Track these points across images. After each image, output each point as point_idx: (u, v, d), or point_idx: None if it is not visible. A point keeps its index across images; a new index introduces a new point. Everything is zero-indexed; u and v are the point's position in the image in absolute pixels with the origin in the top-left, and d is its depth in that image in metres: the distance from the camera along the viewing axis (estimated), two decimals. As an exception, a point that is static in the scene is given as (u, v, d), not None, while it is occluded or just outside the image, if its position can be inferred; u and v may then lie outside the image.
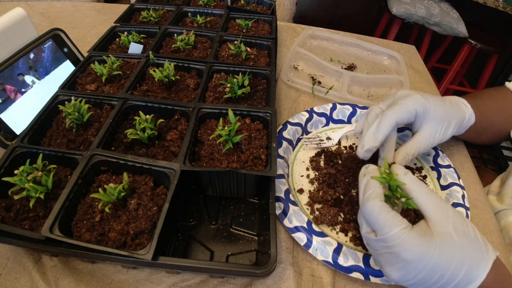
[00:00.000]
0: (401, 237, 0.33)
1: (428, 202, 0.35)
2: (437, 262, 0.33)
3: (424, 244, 0.33)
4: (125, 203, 0.41)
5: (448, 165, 0.59)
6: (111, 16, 0.99)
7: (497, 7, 1.69)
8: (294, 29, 1.01)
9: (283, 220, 0.48)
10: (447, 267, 0.33)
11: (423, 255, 0.33)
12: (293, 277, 0.44)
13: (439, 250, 0.33)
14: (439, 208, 0.35)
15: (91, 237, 0.38)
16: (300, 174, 0.57)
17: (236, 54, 0.67)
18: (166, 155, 0.47)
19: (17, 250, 0.44)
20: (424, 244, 0.33)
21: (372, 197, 0.36)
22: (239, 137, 0.47)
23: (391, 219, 0.34)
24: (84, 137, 0.49)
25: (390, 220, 0.34)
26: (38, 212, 0.40)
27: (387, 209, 0.35)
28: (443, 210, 0.35)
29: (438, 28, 1.72)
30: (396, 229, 0.33)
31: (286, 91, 0.75)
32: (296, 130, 0.62)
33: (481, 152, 1.86)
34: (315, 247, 0.45)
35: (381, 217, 0.34)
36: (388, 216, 0.34)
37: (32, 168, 0.41)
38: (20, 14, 0.56)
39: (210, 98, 0.57)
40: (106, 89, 0.57)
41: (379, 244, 0.35)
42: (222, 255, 0.45)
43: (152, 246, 0.36)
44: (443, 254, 0.33)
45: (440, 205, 0.35)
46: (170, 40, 0.71)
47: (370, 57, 0.92)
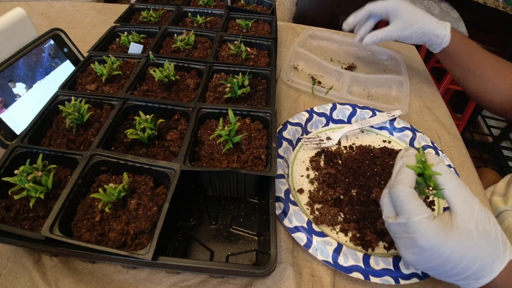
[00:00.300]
0: (421, 225, 0.34)
1: (455, 196, 0.35)
2: (450, 255, 0.34)
3: (441, 236, 0.34)
4: (125, 203, 0.41)
5: (448, 165, 0.58)
6: (111, 16, 0.99)
7: (497, 7, 1.68)
8: (294, 29, 1.01)
9: (283, 220, 0.48)
10: (459, 261, 0.34)
11: (438, 246, 0.34)
12: (293, 277, 0.44)
13: (454, 245, 0.34)
14: (465, 203, 0.35)
15: (91, 237, 0.38)
16: (300, 174, 0.57)
17: (236, 54, 0.67)
18: (166, 155, 0.47)
19: (17, 250, 0.44)
20: (441, 236, 0.34)
21: (402, 182, 0.36)
22: (239, 137, 0.47)
23: (416, 207, 0.35)
24: (84, 137, 0.49)
25: (414, 207, 0.35)
26: (38, 212, 0.40)
27: (414, 196, 0.35)
28: (469, 206, 0.35)
29: (438, 28, 1.71)
30: (418, 217, 0.34)
31: (286, 91, 0.75)
32: (296, 130, 0.62)
33: (481, 152, 1.86)
34: (315, 247, 0.45)
35: (406, 202, 0.35)
36: (413, 203, 0.35)
37: (32, 168, 0.41)
38: (20, 14, 0.56)
39: (210, 98, 0.56)
40: (106, 89, 0.57)
41: (399, 228, 0.37)
42: (222, 255, 0.45)
43: (152, 246, 0.36)
44: (458, 249, 0.34)
45: (467, 201, 0.35)
46: (170, 40, 0.71)
47: (370, 57, 0.92)
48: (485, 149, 1.93)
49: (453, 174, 0.37)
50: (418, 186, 0.38)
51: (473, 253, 0.34)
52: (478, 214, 0.35)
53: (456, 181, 0.36)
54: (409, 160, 0.39)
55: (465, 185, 0.37)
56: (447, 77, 1.88)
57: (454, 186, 0.36)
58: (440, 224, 0.34)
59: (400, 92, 0.78)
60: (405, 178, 0.37)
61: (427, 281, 0.44)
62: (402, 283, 0.43)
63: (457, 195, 0.35)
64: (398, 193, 0.36)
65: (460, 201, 0.35)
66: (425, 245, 0.34)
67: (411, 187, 0.36)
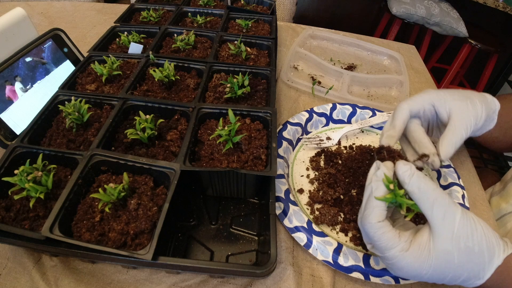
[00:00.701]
0: (395, 258, 0.34)
1: (433, 214, 0.33)
2: (429, 278, 0.35)
3: (417, 266, 0.34)
4: (125, 203, 0.41)
5: (448, 165, 0.59)
6: (111, 16, 0.99)
7: (497, 7, 1.69)
8: (294, 29, 1.01)
9: (283, 220, 0.48)
10: (441, 280, 0.35)
11: (415, 273, 0.35)
12: (293, 277, 0.44)
13: (432, 270, 0.34)
14: (444, 221, 0.33)
15: (91, 237, 0.38)
16: (300, 174, 0.57)
17: (236, 54, 0.67)
18: (166, 155, 0.47)
19: (17, 250, 0.44)
20: (417, 266, 0.34)
21: (369, 219, 0.35)
22: (239, 137, 0.47)
23: (387, 242, 0.34)
24: (84, 137, 0.49)
25: (385, 243, 0.34)
26: (38, 212, 0.40)
27: (384, 231, 0.34)
28: (449, 223, 0.33)
29: (438, 28, 1.72)
30: (391, 252, 0.34)
31: (286, 91, 0.75)
32: (296, 130, 0.62)
33: (481, 152, 1.86)
34: (315, 247, 0.45)
35: (376, 239, 0.35)
36: (383, 238, 0.34)
37: (32, 168, 0.41)
38: (20, 14, 0.56)
39: (210, 98, 0.57)
40: (106, 89, 0.57)
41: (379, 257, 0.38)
42: (222, 255, 0.45)
43: (152, 246, 0.36)
44: (437, 272, 0.34)
45: (446, 217, 0.33)
46: (170, 40, 0.71)
47: (370, 57, 0.92)
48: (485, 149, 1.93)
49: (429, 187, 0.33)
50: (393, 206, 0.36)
51: (454, 272, 0.34)
52: (459, 230, 0.33)
53: (433, 196, 0.33)
54: (377, 187, 0.35)
55: (444, 196, 0.33)
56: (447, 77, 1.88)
57: (431, 203, 0.33)
58: (416, 252, 0.34)
59: (400, 92, 0.78)
60: (373, 213, 0.35)
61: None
62: (402, 283, 0.43)
63: (435, 212, 0.33)
64: (367, 230, 0.36)
65: (438, 219, 0.33)
66: (403, 274, 0.35)
67: (379, 221, 0.35)
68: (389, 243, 0.34)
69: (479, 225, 0.34)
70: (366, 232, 0.36)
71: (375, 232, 0.35)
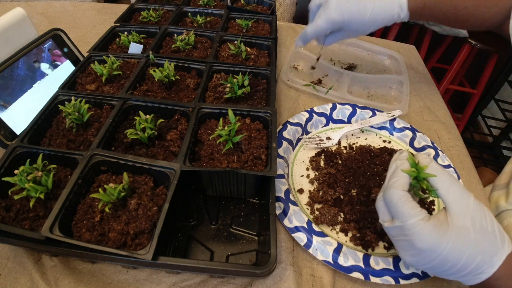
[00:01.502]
0: (416, 227, 0.34)
1: (449, 194, 0.35)
2: (448, 254, 0.34)
3: (438, 236, 0.34)
4: (125, 203, 0.41)
5: (448, 165, 0.59)
6: (111, 16, 0.99)
7: (497, 7, 1.68)
8: (294, 29, 1.01)
9: (283, 220, 0.48)
10: (458, 259, 0.34)
11: (435, 246, 0.34)
12: (293, 277, 0.44)
13: (452, 243, 0.34)
14: (459, 200, 0.35)
15: (91, 237, 0.38)
16: (300, 174, 0.57)
17: (236, 54, 0.67)
18: (166, 155, 0.47)
19: (17, 250, 0.44)
20: (438, 236, 0.34)
21: (395, 186, 0.37)
22: (239, 137, 0.47)
23: (410, 209, 0.35)
24: (84, 137, 0.49)
25: (408, 210, 0.35)
26: (38, 212, 0.40)
27: (407, 199, 0.36)
28: (464, 203, 0.35)
29: (438, 28, 1.71)
30: (413, 219, 0.34)
31: (286, 91, 0.75)
32: (296, 130, 0.62)
33: (481, 152, 1.86)
34: (315, 247, 0.45)
35: (400, 205, 0.35)
36: (407, 205, 0.35)
37: (32, 168, 0.41)
38: (20, 14, 0.56)
39: (210, 98, 0.57)
40: (106, 89, 0.57)
41: (396, 231, 0.37)
42: (222, 255, 0.45)
43: (152, 246, 0.36)
44: (455, 247, 0.34)
45: (461, 198, 0.35)
46: (170, 40, 0.71)
47: (370, 57, 0.92)
48: (485, 149, 1.93)
49: (446, 173, 0.37)
50: (413, 188, 0.38)
51: (471, 250, 0.34)
52: (474, 210, 0.35)
53: (449, 179, 0.36)
54: (402, 164, 0.38)
55: (458, 182, 0.37)
56: (447, 77, 1.88)
57: (448, 185, 0.36)
58: (436, 224, 0.34)
59: (400, 92, 0.78)
60: (398, 181, 0.37)
61: (427, 281, 0.44)
62: (402, 283, 0.43)
63: (451, 193, 0.35)
64: (391, 196, 0.36)
65: (454, 198, 0.35)
66: (423, 246, 0.34)
67: (403, 190, 0.36)
68: (412, 211, 0.35)
69: (489, 213, 0.36)
70: (390, 200, 0.36)
71: (399, 198, 0.35)
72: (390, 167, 0.40)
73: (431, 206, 0.53)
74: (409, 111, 0.74)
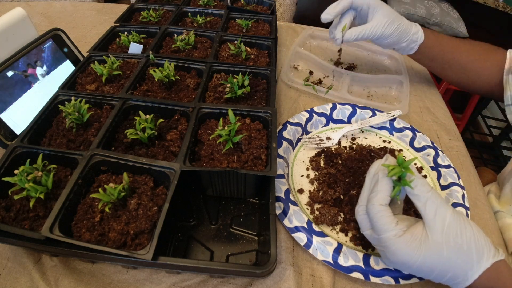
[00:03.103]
0: (388, 241, 0.36)
1: (425, 210, 0.36)
2: (418, 268, 0.37)
3: (407, 252, 0.36)
4: (125, 203, 0.41)
5: (448, 165, 0.59)
6: (111, 16, 0.99)
7: (497, 7, 1.68)
8: (294, 29, 1.01)
9: (283, 220, 0.48)
10: (430, 272, 0.37)
11: (404, 261, 0.36)
12: (293, 277, 0.44)
13: (421, 260, 0.36)
14: (435, 217, 0.36)
15: (91, 237, 0.38)
16: (300, 174, 0.57)
17: (236, 54, 0.67)
18: (166, 155, 0.47)
19: (17, 250, 0.44)
20: (407, 252, 0.36)
21: (373, 201, 0.38)
22: (239, 137, 0.47)
23: (384, 225, 0.37)
24: (84, 137, 0.49)
25: (383, 225, 0.37)
26: (38, 212, 0.40)
27: (383, 214, 0.37)
28: (439, 220, 0.36)
29: (438, 28, 1.71)
30: (386, 234, 0.37)
31: (286, 91, 0.75)
32: (296, 130, 0.62)
33: (481, 152, 1.86)
34: (315, 247, 0.45)
35: (376, 220, 0.37)
36: (382, 221, 0.37)
37: (32, 168, 0.41)
38: (20, 14, 0.56)
39: (210, 98, 0.56)
40: (106, 89, 0.57)
41: (374, 241, 0.40)
42: (222, 255, 0.45)
43: (152, 246, 0.36)
44: (425, 263, 0.36)
45: (437, 214, 0.36)
46: (170, 40, 0.71)
47: (370, 57, 0.92)
48: (485, 149, 1.93)
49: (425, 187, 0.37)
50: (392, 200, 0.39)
51: (442, 266, 0.36)
52: (449, 227, 0.36)
53: (427, 194, 0.36)
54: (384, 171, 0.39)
55: (438, 196, 0.37)
56: (447, 77, 1.87)
57: (425, 200, 0.36)
58: (408, 240, 0.36)
59: (400, 92, 0.78)
60: (377, 196, 0.38)
61: (427, 281, 0.44)
62: (402, 283, 0.43)
63: (427, 209, 0.36)
64: (369, 211, 0.38)
65: (430, 214, 0.36)
66: (393, 260, 0.37)
67: (382, 205, 0.37)
68: (386, 226, 0.37)
69: (470, 226, 0.37)
70: (368, 213, 0.38)
71: (376, 213, 0.37)
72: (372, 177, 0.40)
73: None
74: (409, 111, 0.74)
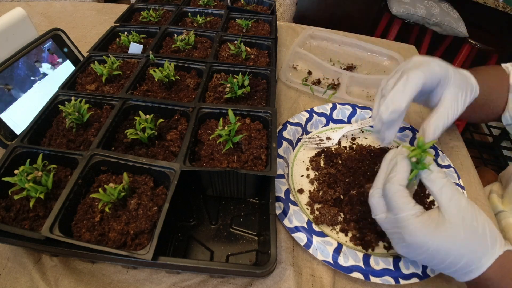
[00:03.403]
0: (407, 221, 0.36)
1: (441, 194, 0.36)
2: (435, 251, 0.35)
3: (425, 233, 0.35)
4: (125, 203, 0.41)
5: (448, 165, 0.59)
6: (111, 16, 0.99)
7: (497, 7, 1.69)
8: (294, 29, 1.01)
9: (283, 220, 0.48)
10: (446, 256, 0.35)
11: (423, 241, 0.35)
12: (293, 277, 0.44)
13: (439, 241, 0.35)
14: (451, 201, 0.36)
15: (91, 237, 0.38)
16: (300, 174, 0.57)
17: (236, 54, 0.67)
18: (166, 155, 0.47)
19: (17, 250, 0.44)
20: (425, 233, 0.35)
21: (393, 180, 0.38)
22: (239, 137, 0.47)
23: (403, 204, 0.36)
24: (84, 137, 0.49)
25: (401, 204, 0.36)
26: (38, 212, 0.40)
27: (402, 194, 0.37)
28: (455, 204, 0.35)
29: (438, 28, 1.72)
30: (405, 213, 0.36)
31: (286, 91, 0.75)
32: (296, 130, 0.62)
33: (481, 152, 1.86)
34: (315, 247, 0.45)
35: (394, 199, 0.37)
36: (401, 200, 0.36)
37: (32, 168, 0.41)
38: (20, 14, 0.56)
39: (210, 98, 0.56)
40: (106, 89, 0.57)
41: (390, 223, 0.38)
42: (222, 255, 0.45)
43: (152, 246, 0.36)
44: (443, 245, 0.35)
45: (453, 198, 0.36)
46: (170, 40, 0.71)
47: (370, 58, 0.92)
48: (485, 149, 1.93)
49: (441, 172, 0.37)
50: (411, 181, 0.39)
51: (459, 249, 0.35)
52: (465, 211, 0.35)
53: (443, 181, 0.37)
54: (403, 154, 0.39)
55: (452, 182, 0.37)
56: (447, 77, 1.87)
57: (441, 186, 0.36)
58: (425, 221, 0.35)
59: (400, 92, 0.78)
60: (396, 176, 0.38)
61: (427, 281, 0.44)
62: (402, 283, 0.43)
63: (444, 192, 0.36)
64: (388, 190, 0.38)
65: (446, 198, 0.36)
66: (411, 240, 0.36)
67: (401, 185, 0.37)
68: (405, 206, 0.36)
69: (482, 214, 0.36)
70: (386, 193, 0.38)
71: (395, 192, 0.37)
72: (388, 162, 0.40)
73: (431, 206, 0.53)
74: (409, 111, 0.74)
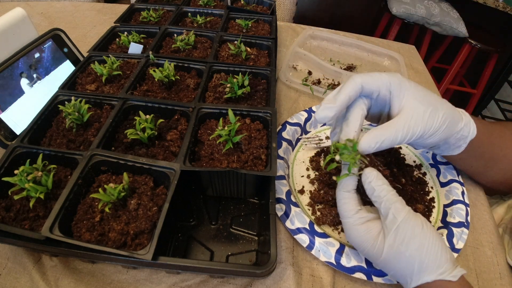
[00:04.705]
0: (345, 226, 0.41)
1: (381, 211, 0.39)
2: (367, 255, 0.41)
3: (360, 240, 0.39)
4: (125, 203, 0.41)
5: (447, 162, 0.58)
6: (111, 16, 0.99)
7: (497, 7, 1.69)
8: (294, 29, 1.01)
9: (285, 222, 0.48)
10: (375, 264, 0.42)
11: (360, 247, 0.40)
12: (293, 277, 0.44)
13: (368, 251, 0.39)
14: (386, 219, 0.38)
15: (91, 237, 0.38)
16: (300, 174, 0.57)
17: (236, 54, 0.67)
18: (166, 155, 0.47)
19: (17, 250, 0.44)
20: (360, 240, 0.39)
21: (340, 187, 0.41)
22: (239, 137, 0.47)
23: (345, 211, 0.40)
24: (84, 137, 0.49)
25: (344, 210, 0.40)
26: (38, 212, 0.40)
27: (346, 201, 0.40)
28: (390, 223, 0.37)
29: (438, 28, 1.72)
30: (345, 220, 0.41)
31: (286, 91, 0.75)
32: (295, 130, 0.62)
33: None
34: (317, 248, 0.45)
35: (339, 205, 0.41)
36: (345, 207, 0.40)
37: (32, 168, 0.41)
38: (20, 14, 0.56)
39: (210, 98, 0.56)
40: (106, 89, 0.57)
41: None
42: (222, 255, 0.45)
43: (152, 246, 0.36)
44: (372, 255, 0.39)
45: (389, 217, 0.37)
46: (170, 40, 0.71)
47: (370, 58, 0.92)
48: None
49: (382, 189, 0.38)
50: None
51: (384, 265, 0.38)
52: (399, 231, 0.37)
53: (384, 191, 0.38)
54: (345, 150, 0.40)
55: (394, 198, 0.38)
56: (447, 77, 1.88)
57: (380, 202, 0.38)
58: (362, 231, 0.39)
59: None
60: (342, 183, 0.41)
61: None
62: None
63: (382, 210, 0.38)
64: (337, 197, 0.42)
65: (383, 216, 0.38)
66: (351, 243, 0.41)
67: (346, 191, 0.40)
68: (346, 213, 0.40)
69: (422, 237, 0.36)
70: (337, 199, 0.42)
71: (339, 199, 0.41)
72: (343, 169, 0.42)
73: (431, 203, 0.53)
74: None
